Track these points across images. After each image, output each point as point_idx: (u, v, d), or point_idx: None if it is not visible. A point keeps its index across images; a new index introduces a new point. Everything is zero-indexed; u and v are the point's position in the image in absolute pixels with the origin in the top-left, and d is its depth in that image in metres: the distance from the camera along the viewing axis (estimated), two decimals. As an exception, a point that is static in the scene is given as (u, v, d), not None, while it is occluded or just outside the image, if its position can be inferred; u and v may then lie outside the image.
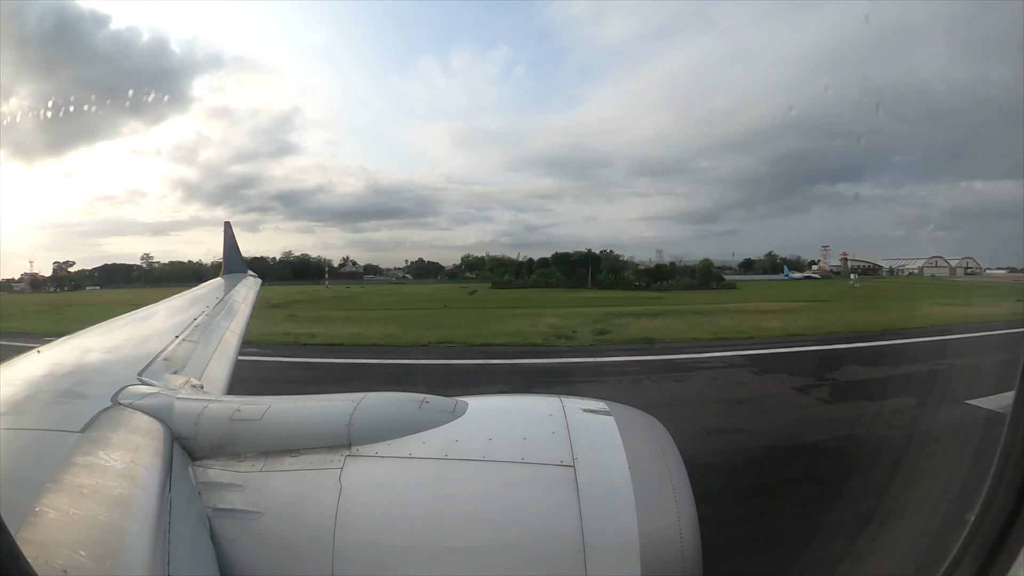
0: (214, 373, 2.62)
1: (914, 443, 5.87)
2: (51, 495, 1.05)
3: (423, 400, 1.51)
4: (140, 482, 1.18)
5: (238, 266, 8.05)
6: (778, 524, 4.25)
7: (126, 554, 0.97)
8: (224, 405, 1.53)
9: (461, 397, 1.58)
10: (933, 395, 8.18)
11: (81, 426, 1.37)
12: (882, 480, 4.39)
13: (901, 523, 3.66)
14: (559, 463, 1.31)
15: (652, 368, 10.46)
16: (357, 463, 1.35)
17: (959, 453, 4.64)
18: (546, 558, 1.21)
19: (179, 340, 2.81)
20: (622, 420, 1.47)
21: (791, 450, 6.05)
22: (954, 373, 9.74)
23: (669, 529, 1.24)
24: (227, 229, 8.47)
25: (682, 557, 1.23)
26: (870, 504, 3.95)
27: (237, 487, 1.34)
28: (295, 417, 1.49)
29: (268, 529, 1.28)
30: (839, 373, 10.04)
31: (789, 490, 4.90)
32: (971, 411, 6.67)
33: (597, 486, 1.27)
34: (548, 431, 1.40)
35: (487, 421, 1.48)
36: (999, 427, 1.10)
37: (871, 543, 3.64)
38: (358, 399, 1.50)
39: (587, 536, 1.20)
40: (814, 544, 3.79)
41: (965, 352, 11.68)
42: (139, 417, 1.49)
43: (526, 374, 10.42)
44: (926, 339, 13.52)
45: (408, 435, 1.39)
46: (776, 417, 7.23)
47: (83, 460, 1.20)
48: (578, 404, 1.54)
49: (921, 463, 4.66)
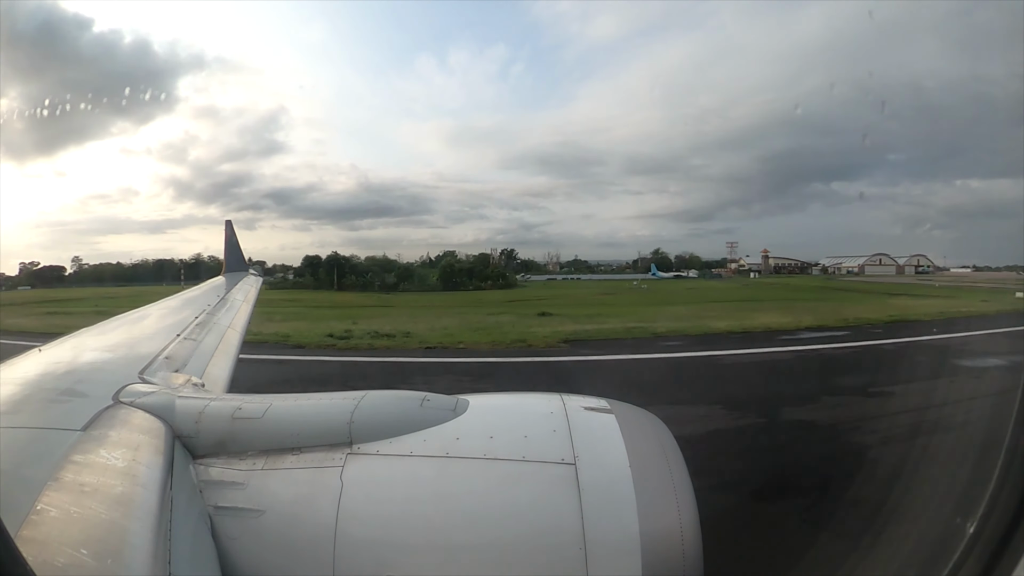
0: (215, 371, 2.62)
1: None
2: (52, 493, 1.05)
3: (424, 398, 1.51)
4: (141, 480, 1.18)
5: (239, 264, 8.07)
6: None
7: (127, 552, 0.97)
8: (225, 403, 1.53)
9: (462, 395, 1.58)
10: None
11: (82, 424, 1.38)
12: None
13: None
14: (560, 461, 1.30)
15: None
16: (358, 461, 1.35)
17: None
18: (547, 556, 1.21)
19: (180, 339, 2.82)
20: (623, 418, 1.47)
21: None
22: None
23: (670, 527, 1.24)
24: (228, 227, 8.48)
25: (683, 556, 1.23)
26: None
27: (238, 485, 1.34)
28: (296, 415, 1.49)
29: (269, 527, 1.28)
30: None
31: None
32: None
33: (598, 484, 1.27)
34: (549, 429, 1.40)
35: (488, 419, 1.48)
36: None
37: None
38: (359, 397, 1.50)
39: (588, 534, 1.20)
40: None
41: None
42: (140, 415, 1.49)
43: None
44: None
45: (409, 433, 1.39)
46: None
47: (84, 458, 1.20)
48: (579, 402, 1.54)
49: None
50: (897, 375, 9.63)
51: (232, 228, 8.47)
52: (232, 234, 8.34)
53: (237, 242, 8.38)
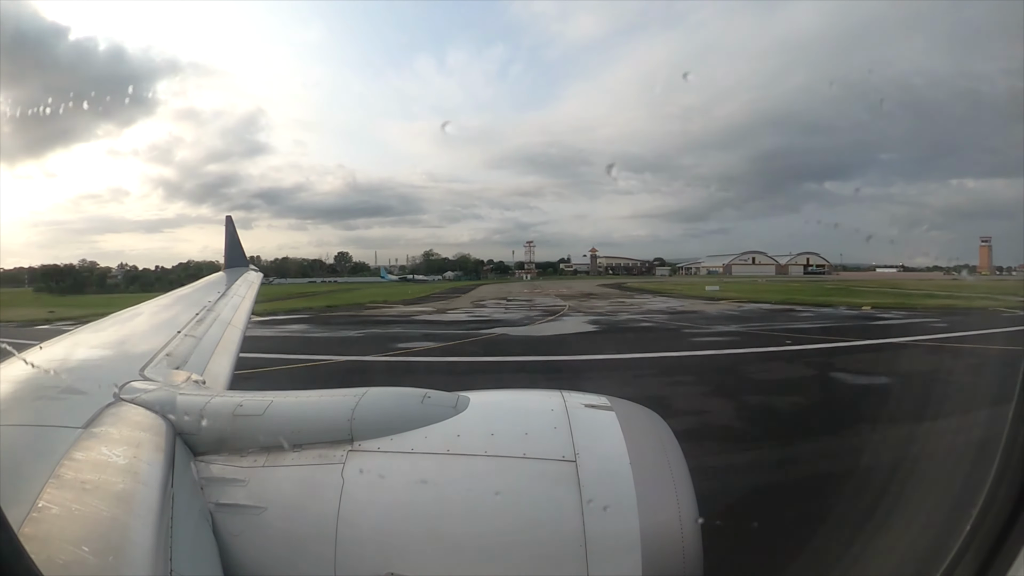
0: (216, 369, 2.62)
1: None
2: (53, 491, 1.05)
3: (425, 395, 1.52)
4: (142, 478, 1.18)
5: (239, 260, 8.05)
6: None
7: (129, 550, 0.97)
8: (226, 400, 1.53)
9: (463, 392, 1.58)
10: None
11: (83, 422, 1.37)
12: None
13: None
14: (561, 458, 1.31)
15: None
16: (359, 458, 1.35)
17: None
18: (548, 553, 1.21)
19: (181, 335, 2.82)
20: (624, 415, 1.48)
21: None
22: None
23: (670, 525, 1.25)
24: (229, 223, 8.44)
25: (683, 553, 1.23)
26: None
27: (239, 482, 1.34)
28: (297, 412, 1.49)
29: (270, 524, 1.28)
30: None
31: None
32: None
33: (599, 481, 1.27)
34: (550, 426, 1.40)
35: (489, 416, 1.48)
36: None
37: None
38: (360, 394, 1.50)
39: (588, 531, 1.20)
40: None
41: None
42: (141, 413, 1.49)
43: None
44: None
45: (410, 430, 1.40)
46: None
47: (85, 456, 1.20)
48: (579, 399, 1.54)
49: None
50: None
51: (232, 224, 8.44)
52: (233, 230, 8.31)
53: (237, 238, 8.34)
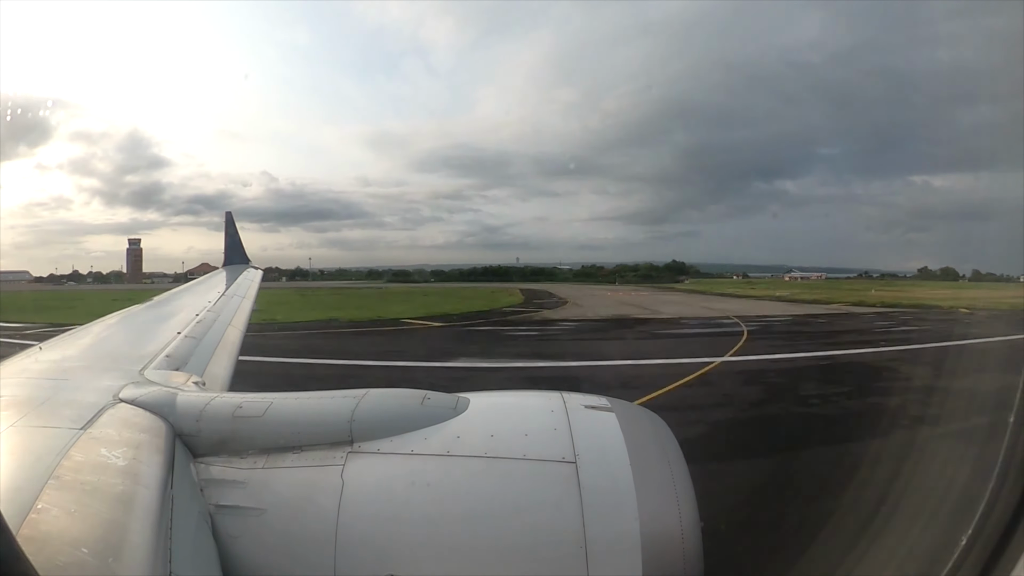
0: (216, 370, 2.62)
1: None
2: (53, 492, 1.05)
3: (425, 396, 1.51)
4: (142, 479, 1.18)
5: (240, 257, 8.03)
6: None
7: (128, 551, 0.97)
8: (226, 402, 1.53)
9: (463, 393, 1.58)
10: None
11: (83, 423, 1.37)
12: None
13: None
14: (561, 459, 1.30)
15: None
16: (359, 460, 1.34)
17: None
18: (548, 555, 1.21)
19: (181, 336, 2.82)
20: (624, 416, 1.47)
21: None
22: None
23: (671, 526, 1.24)
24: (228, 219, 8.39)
25: (683, 554, 1.23)
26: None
27: (239, 484, 1.34)
28: (297, 414, 1.48)
29: (270, 526, 1.28)
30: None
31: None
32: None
33: (599, 483, 1.27)
34: (550, 427, 1.40)
35: (489, 417, 1.48)
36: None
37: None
38: (360, 395, 1.50)
39: (589, 533, 1.20)
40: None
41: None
42: (141, 414, 1.49)
43: None
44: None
45: (410, 432, 1.39)
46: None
47: (85, 457, 1.20)
48: (580, 400, 1.54)
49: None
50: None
51: (232, 220, 8.38)
52: (232, 227, 8.27)
53: (237, 235, 8.31)
